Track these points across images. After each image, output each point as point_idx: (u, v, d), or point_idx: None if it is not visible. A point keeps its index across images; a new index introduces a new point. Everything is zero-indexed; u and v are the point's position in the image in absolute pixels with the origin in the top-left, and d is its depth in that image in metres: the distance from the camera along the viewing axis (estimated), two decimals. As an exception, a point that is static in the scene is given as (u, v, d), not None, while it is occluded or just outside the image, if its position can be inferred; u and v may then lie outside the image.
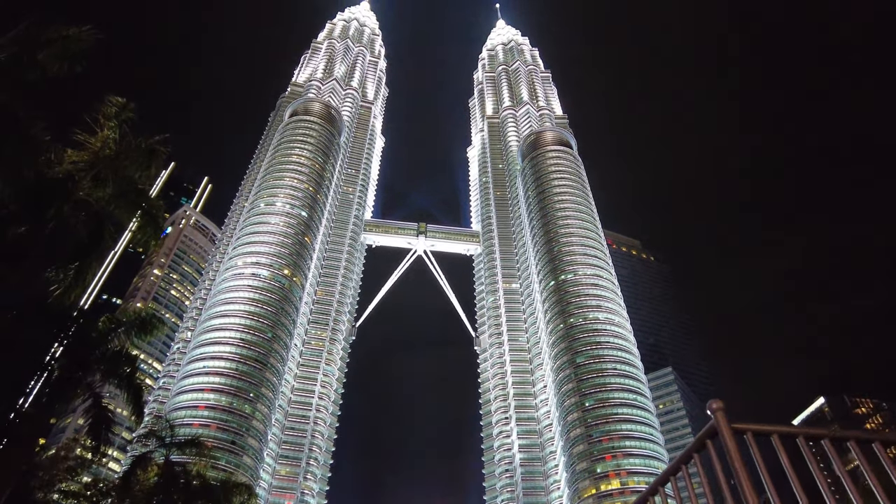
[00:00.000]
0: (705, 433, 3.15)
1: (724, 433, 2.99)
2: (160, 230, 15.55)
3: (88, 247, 13.81)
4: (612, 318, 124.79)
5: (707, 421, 3.42)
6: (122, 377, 15.46)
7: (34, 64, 11.93)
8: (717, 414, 3.08)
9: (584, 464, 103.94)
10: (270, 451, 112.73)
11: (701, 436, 3.19)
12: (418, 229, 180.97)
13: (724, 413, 3.09)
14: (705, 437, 3.15)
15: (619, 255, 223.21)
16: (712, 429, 3.08)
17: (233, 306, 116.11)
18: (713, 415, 3.12)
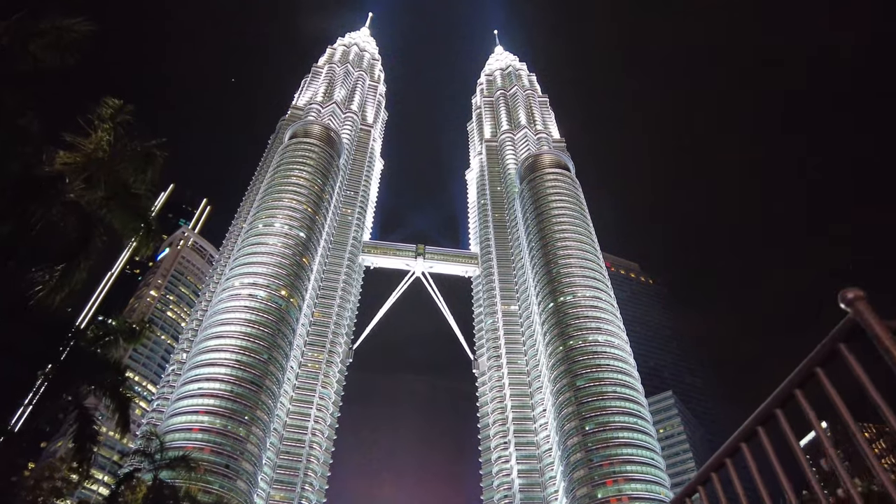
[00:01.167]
0: (838, 333, 2.12)
1: (876, 328, 1.95)
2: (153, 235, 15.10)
3: (76, 249, 13.35)
4: (611, 340, 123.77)
5: (709, 444, 2.72)
6: (108, 387, 14.85)
7: (26, 54, 11.66)
8: (859, 304, 2.05)
9: (584, 489, 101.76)
10: (265, 476, 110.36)
11: (833, 336, 2.15)
12: (416, 251, 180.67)
13: (867, 304, 2.05)
14: (838, 340, 2.12)
15: (617, 278, 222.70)
16: (851, 325, 2.05)
17: (229, 327, 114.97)
18: (851, 307, 2.08)
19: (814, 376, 2.21)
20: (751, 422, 2.45)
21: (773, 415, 2.35)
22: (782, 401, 2.35)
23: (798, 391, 2.27)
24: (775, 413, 2.35)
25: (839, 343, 2.10)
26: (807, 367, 2.23)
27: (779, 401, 2.35)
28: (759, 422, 2.38)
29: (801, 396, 2.26)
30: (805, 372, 2.25)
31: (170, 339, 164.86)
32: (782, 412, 2.35)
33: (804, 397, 2.26)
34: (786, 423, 2.36)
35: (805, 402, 2.26)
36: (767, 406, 2.39)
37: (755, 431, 2.42)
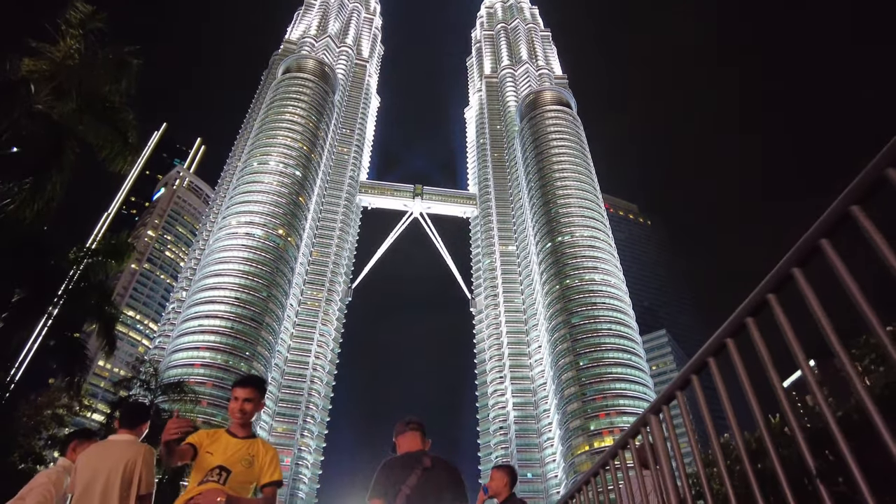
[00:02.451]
0: (820, 227, 1.64)
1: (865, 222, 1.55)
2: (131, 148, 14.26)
3: (47, 160, 12.58)
4: (608, 279, 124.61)
5: (700, 382, 2.05)
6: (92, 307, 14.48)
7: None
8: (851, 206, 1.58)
9: (577, 421, 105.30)
10: (267, 409, 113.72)
11: (814, 231, 1.66)
12: (414, 191, 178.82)
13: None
14: (819, 235, 1.65)
15: (616, 219, 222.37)
16: (834, 216, 1.60)
17: (227, 265, 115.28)
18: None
19: (790, 279, 1.74)
20: (720, 333, 2.10)
21: (745, 324, 1.95)
22: (755, 308, 1.92)
23: (771, 296, 1.82)
24: (746, 322, 1.95)
25: (820, 239, 1.62)
26: (784, 269, 1.77)
27: (751, 308, 1.93)
28: (730, 334, 2.04)
29: (774, 301, 1.81)
30: (782, 274, 1.78)
31: (169, 278, 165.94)
32: (754, 321, 1.94)
33: (778, 302, 1.80)
34: (757, 332, 1.95)
35: (779, 310, 1.78)
36: (737, 315, 2.01)
37: (724, 344, 2.09)
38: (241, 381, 4.09)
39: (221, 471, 3.72)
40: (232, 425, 4.04)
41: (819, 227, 1.57)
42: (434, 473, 3.90)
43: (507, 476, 5.77)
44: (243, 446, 3.89)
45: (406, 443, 4.26)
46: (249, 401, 4.00)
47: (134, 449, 4.64)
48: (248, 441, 3.96)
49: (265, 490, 3.85)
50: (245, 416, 3.98)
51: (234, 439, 3.92)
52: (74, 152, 13.31)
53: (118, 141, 14.33)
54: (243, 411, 3.97)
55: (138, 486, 4.50)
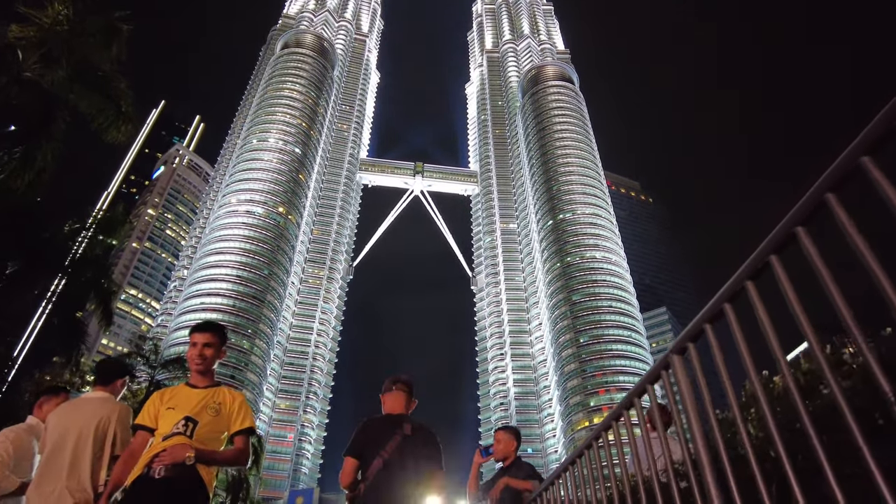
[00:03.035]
0: (826, 181, 1.44)
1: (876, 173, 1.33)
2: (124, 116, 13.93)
3: (37, 129, 12.29)
4: (609, 256, 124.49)
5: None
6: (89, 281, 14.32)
7: None
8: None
9: (577, 397, 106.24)
10: (270, 386, 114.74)
11: (820, 185, 1.45)
12: (415, 169, 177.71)
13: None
14: (825, 189, 1.44)
15: (618, 197, 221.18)
16: (841, 172, 1.41)
17: (228, 243, 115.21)
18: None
19: (767, 266, 1.64)
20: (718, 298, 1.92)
21: (744, 287, 1.77)
22: (754, 272, 1.73)
23: (773, 257, 1.63)
24: (745, 286, 1.76)
25: (796, 227, 1.52)
26: (760, 256, 1.67)
27: (751, 270, 1.73)
28: (727, 298, 1.85)
29: (776, 262, 1.62)
30: (758, 261, 1.68)
31: (170, 256, 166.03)
32: (753, 284, 1.73)
33: (779, 263, 1.62)
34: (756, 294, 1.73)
35: (781, 270, 1.58)
36: (736, 278, 1.81)
37: (721, 311, 1.92)
38: (199, 325, 3.78)
39: (188, 422, 3.39)
40: (192, 377, 3.70)
41: (794, 216, 1.50)
42: (413, 440, 3.83)
43: (514, 439, 5.57)
44: (207, 395, 3.57)
45: (390, 402, 4.17)
46: (209, 346, 3.69)
47: (108, 406, 4.35)
48: (212, 389, 3.63)
49: (236, 439, 3.53)
50: (205, 363, 3.66)
51: (196, 390, 3.61)
52: (65, 121, 13.01)
53: (111, 110, 14.00)
54: (203, 356, 3.65)
55: (113, 446, 4.20)
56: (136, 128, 14.38)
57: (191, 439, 3.33)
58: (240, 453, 3.53)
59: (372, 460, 3.67)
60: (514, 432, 5.69)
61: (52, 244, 14.17)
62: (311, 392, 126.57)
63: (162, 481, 3.14)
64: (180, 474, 3.16)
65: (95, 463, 4.12)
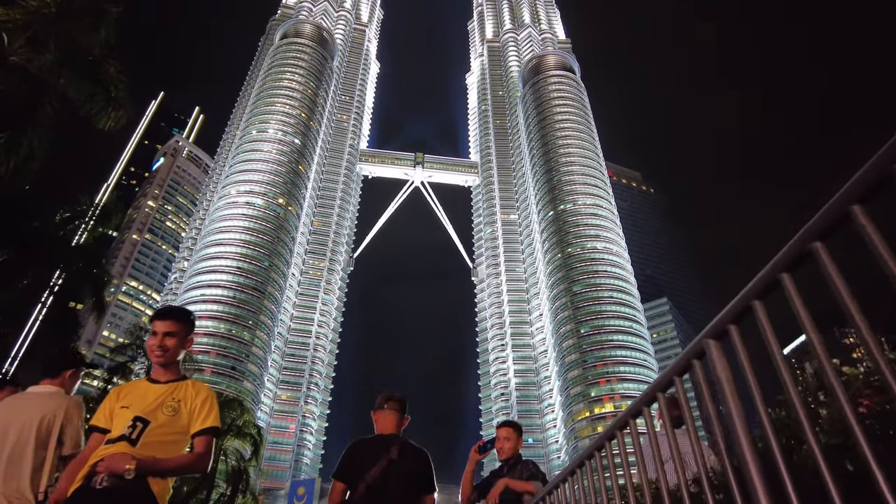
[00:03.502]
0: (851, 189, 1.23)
1: None
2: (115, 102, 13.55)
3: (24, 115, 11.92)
4: (610, 247, 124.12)
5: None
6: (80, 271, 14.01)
7: None
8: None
9: (578, 388, 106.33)
10: (271, 377, 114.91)
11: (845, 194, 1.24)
12: (415, 160, 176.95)
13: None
14: (850, 200, 1.23)
15: (619, 187, 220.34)
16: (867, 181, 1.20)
17: (228, 235, 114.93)
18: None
19: (778, 284, 1.40)
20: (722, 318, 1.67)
21: (751, 307, 1.55)
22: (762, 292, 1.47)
23: (757, 302, 1.49)
24: (813, 248, 1.34)
25: (814, 242, 1.27)
26: (771, 273, 1.42)
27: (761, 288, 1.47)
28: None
29: (759, 308, 1.47)
30: (769, 280, 1.44)
31: (171, 248, 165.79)
32: (761, 303, 1.49)
33: (763, 309, 1.47)
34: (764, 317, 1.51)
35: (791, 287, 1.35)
36: (720, 321, 1.63)
37: (727, 330, 1.65)
38: (160, 312, 3.26)
39: (136, 423, 2.89)
40: (154, 370, 3.20)
41: (813, 228, 1.23)
42: (400, 464, 3.64)
43: (519, 436, 5.11)
44: (167, 391, 3.06)
45: (381, 422, 4.00)
46: (171, 335, 3.15)
47: (55, 402, 3.85)
48: (174, 385, 3.11)
49: (196, 440, 2.99)
50: (167, 355, 3.13)
51: (155, 385, 3.10)
52: (53, 106, 12.63)
53: (101, 95, 13.62)
54: (164, 348, 3.12)
55: (61, 446, 3.73)
56: (128, 114, 13.99)
57: (136, 444, 2.83)
58: (197, 458, 2.95)
59: (357, 485, 3.51)
60: (519, 429, 5.21)
61: (43, 234, 13.83)
62: (312, 383, 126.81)
63: (104, 493, 2.67)
64: (125, 486, 2.68)
65: (37, 466, 3.62)
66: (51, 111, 12.52)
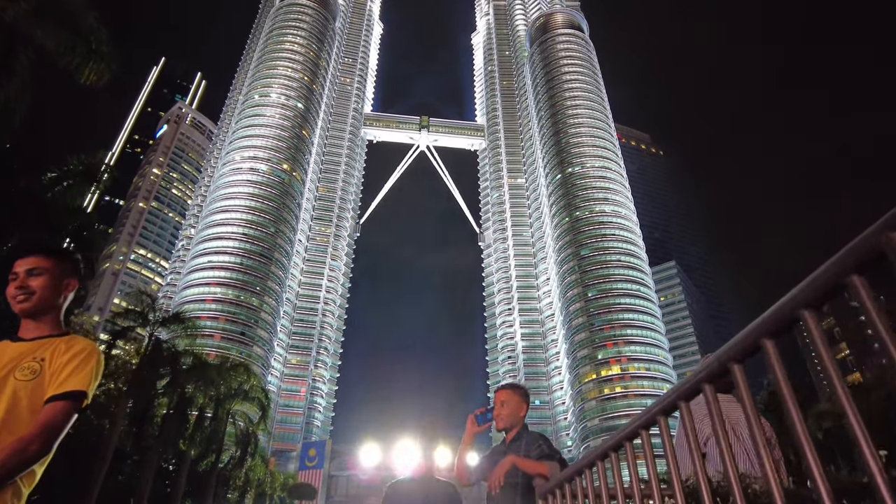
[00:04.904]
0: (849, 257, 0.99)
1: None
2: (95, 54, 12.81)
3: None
4: (618, 210, 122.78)
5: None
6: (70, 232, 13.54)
7: None
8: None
9: (585, 350, 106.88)
10: (281, 342, 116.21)
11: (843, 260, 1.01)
12: (420, 123, 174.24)
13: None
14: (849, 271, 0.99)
15: (627, 149, 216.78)
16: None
17: (233, 201, 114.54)
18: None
19: (758, 349, 1.20)
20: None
21: (728, 370, 1.44)
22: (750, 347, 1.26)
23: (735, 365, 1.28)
24: (703, 387, 1.39)
25: (801, 310, 1.11)
26: (752, 337, 1.22)
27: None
28: (705, 379, 1.41)
29: (737, 371, 1.27)
30: (748, 344, 1.24)
31: (177, 216, 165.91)
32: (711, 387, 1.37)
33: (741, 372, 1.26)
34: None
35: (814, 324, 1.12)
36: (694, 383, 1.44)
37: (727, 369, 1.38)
38: (22, 250, 2.40)
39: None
40: (21, 325, 2.30)
41: (802, 295, 1.10)
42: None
43: (523, 400, 4.06)
44: (28, 350, 2.20)
45: (419, 468, 4.30)
46: (37, 273, 2.28)
47: None
48: (42, 342, 2.24)
49: (45, 407, 2.06)
50: (32, 299, 2.25)
51: (17, 343, 2.23)
52: (28, 57, 11.92)
53: (81, 47, 12.87)
54: (26, 289, 2.25)
55: None
56: (111, 67, 13.26)
57: None
58: (26, 442, 1.95)
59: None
60: (521, 392, 4.13)
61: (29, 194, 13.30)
62: (321, 347, 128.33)
63: None
64: None
65: None
66: (26, 61, 11.83)
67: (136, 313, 22.95)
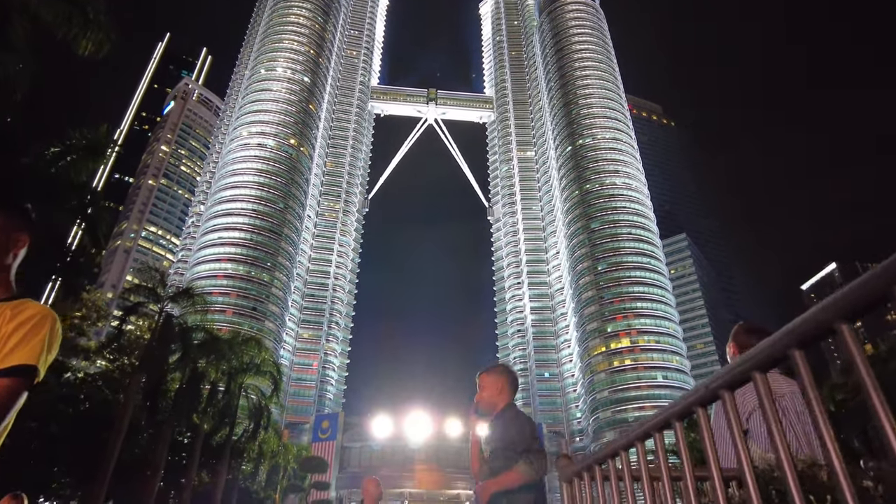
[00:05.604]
0: None
1: None
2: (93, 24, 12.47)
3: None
4: (629, 183, 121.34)
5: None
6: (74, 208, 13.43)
7: None
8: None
9: (594, 324, 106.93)
10: (292, 317, 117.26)
11: None
12: (428, 96, 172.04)
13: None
14: None
15: (639, 121, 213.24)
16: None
17: (242, 177, 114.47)
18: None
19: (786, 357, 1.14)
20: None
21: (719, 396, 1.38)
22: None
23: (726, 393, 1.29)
24: (695, 411, 1.44)
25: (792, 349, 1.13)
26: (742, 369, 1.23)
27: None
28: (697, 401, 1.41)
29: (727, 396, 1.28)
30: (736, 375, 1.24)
31: (186, 192, 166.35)
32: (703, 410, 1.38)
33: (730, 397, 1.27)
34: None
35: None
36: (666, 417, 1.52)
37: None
38: None
39: None
40: None
41: (792, 336, 1.06)
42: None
43: (506, 382, 3.70)
44: None
45: None
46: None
47: None
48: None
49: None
50: None
51: None
52: (24, 28, 11.62)
53: (78, 17, 12.54)
54: None
55: None
56: (110, 38, 12.93)
57: None
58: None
59: None
60: (497, 372, 3.77)
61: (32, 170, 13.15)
62: (332, 322, 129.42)
63: None
64: None
65: None
66: (22, 32, 11.53)
67: (145, 289, 23.07)
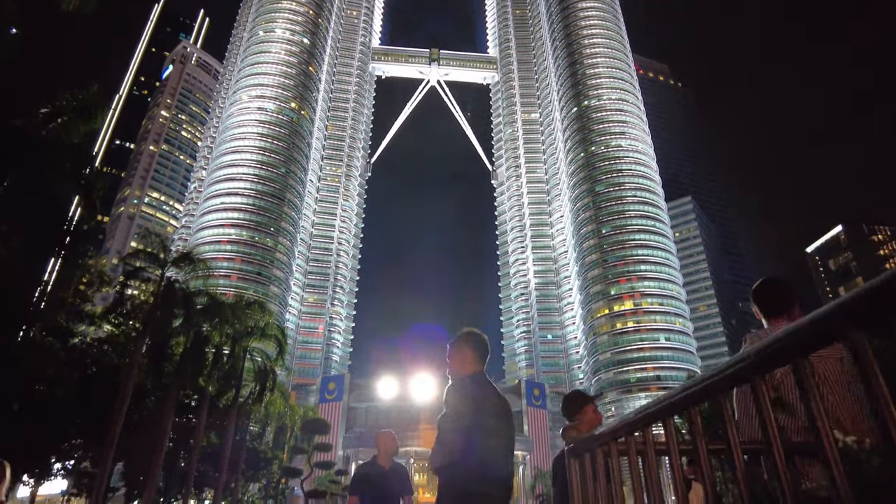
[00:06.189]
0: None
1: None
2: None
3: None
4: (635, 145, 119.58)
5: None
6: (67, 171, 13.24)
7: None
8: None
9: (598, 286, 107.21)
10: (297, 281, 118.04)
11: None
12: (430, 56, 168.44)
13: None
14: None
15: (645, 81, 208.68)
16: None
17: (243, 142, 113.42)
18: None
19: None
20: None
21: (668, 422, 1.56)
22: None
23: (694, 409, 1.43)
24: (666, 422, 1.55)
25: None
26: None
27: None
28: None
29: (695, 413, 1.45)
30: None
31: (188, 158, 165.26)
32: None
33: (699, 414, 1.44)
34: None
35: None
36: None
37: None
38: None
39: None
40: None
41: (798, 338, 1.04)
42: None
43: (465, 350, 3.22)
44: None
45: None
46: None
47: None
48: None
49: None
50: None
51: None
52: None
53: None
54: None
55: None
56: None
57: None
58: None
59: None
60: (461, 342, 3.28)
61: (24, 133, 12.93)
62: (337, 286, 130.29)
63: None
64: None
65: None
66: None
67: (147, 254, 23.09)
